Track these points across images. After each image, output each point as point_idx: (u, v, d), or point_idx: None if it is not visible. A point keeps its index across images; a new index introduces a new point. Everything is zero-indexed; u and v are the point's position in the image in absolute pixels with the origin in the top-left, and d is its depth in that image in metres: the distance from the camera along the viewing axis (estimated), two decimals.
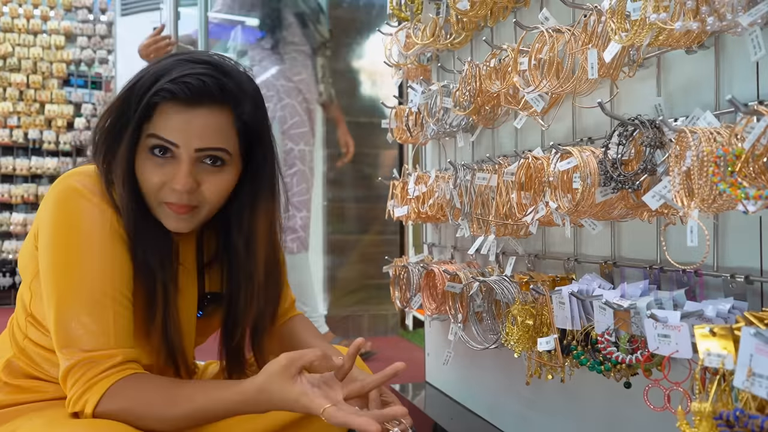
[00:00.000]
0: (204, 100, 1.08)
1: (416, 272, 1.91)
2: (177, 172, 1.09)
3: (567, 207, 1.18)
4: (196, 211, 1.14)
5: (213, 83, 1.08)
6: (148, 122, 1.09)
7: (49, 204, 1.12)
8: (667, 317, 0.97)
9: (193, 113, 1.07)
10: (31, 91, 5.92)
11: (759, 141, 0.80)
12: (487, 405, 1.88)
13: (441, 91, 1.74)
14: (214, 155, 1.11)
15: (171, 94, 1.06)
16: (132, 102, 1.11)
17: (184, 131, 1.07)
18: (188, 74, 1.07)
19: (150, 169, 1.11)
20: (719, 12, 0.89)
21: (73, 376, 1.06)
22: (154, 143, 1.09)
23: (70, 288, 1.07)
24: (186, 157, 1.09)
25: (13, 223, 5.78)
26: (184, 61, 1.10)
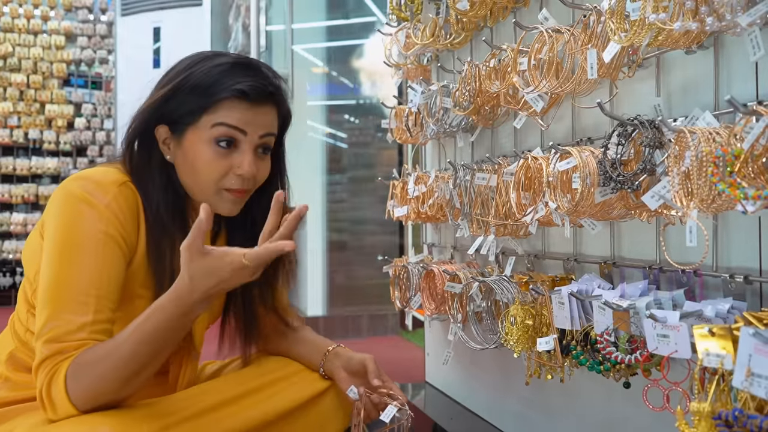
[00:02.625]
0: (267, 101, 1.23)
1: (416, 272, 1.91)
2: (243, 160, 1.20)
3: (566, 207, 1.18)
4: (248, 194, 1.25)
5: (272, 87, 1.24)
6: (208, 115, 1.19)
7: (53, 206, 1.17)
8: (666, 317, 0.97)
9: (257, 109, 1.21)
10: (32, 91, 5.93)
11: (758, 141, 0.80)
12: (486, 405, 1.88)
13: (441, 91, 1.74)
14: (268, 143, 1.25)
15: (242, 93, 1.19)
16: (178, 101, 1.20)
17: (250, 122, 1.21)
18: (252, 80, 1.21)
19: (213, 160, 1.20)
20: (718, 12, 0.89)
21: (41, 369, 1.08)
22: (222, 133, 1.19)
23: (59, 287, 1.11)
24: (251, 144, 1.21)
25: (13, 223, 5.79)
26: (237, 66, 1.22)
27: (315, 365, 1.39)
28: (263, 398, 1.27)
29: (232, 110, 1.19)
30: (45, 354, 1.08)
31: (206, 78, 1.20)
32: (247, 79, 1.20)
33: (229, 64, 1.22)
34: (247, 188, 1.23)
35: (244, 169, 1.20)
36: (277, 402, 1.28)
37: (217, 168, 1.20)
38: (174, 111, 1.21)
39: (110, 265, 1.14)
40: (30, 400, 1.18)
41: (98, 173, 1.19)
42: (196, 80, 1.20)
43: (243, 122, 1.19)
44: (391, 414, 1.24)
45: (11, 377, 1.22)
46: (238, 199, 1.23)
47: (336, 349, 1.39)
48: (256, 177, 1.23)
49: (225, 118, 1.19)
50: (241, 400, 1.25)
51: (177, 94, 1.21)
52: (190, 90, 1.20)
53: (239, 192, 1.22)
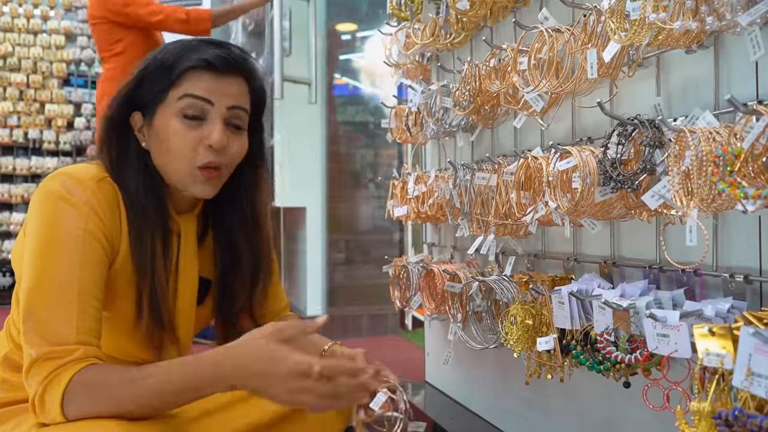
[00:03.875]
0: (231, 71, 1.21)
1: (416, 272, 1.91)
2: (212, 130, 1.18)
3: (566, 207, 1.18)
4: (221, 174, 1.22)
5: (239, 58, 1.22)
6: (174, 89, 1.18)
7: (33, 204, 1.16)
8: (666, 317, 0.97)
9: (223, 79, 1.20)
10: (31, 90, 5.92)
11: (758, 140, 0.80)
12: (486, 405, 1.88)
13: (441, 90, 1.74)
14: (238, 116, 1.22)
15: (206, 63, 1.18)
16: (147, 83, 1.20)
17: (217, 92, 1.19)
18: (217, 50, 1.20)
19: (181, 134, 1.18)
20: (718, 12, 0.89)
21: (34, 373, 1.07)
22: (187, 105, 1.17)
23: (40, 285, 1.10)
24: (219, 115, 1.19)
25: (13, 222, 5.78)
26: (205, 42, 1.23)
27: None
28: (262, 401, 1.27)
29: (197, 81, 1.18)
30: (34, 356, 1.06)
31: (172, 55, 1.20)
32: (212, 50, 1.20)
33: (196, 41, 1.23)
34: (221, 162, 1.20)
35: (214, 139, 1.17)
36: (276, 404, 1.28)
37: (187, 141, 1.17)
38: (144, 94, 1.21)
39: (92, 262, 1.12)
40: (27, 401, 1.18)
41: (76, 169, 1.18)
42: (162, 58, 1.21)
43: (209, 92, 1.18)
44: (381, 401, 1.23)
45: (8, 378, 1.22)
46: (212, 180, 1.20)
47: (332, 348, 1.39)
48: (229, 150, 1.21)
49: (190, 89, 1.18)
50: (239, 403, 1.25)
51: (145, 76, 1.21)
52: (156, 69, 1.21)
53: (213, 169, 1.19)
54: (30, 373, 1.07)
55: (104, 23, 3.44)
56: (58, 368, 1.05)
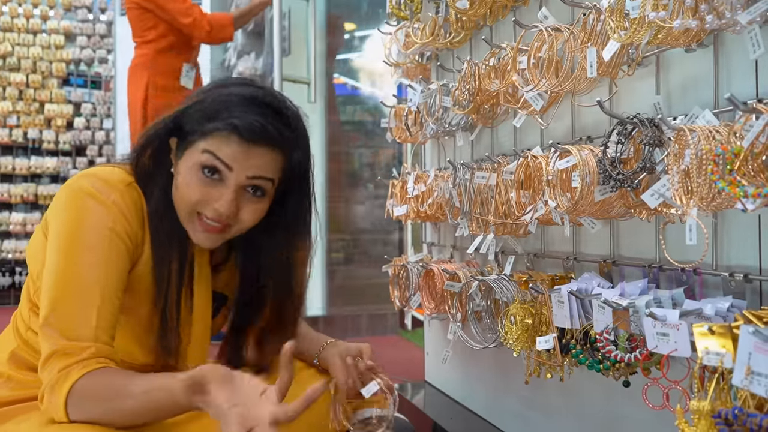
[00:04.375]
0: (263, 143, 1.15)
1: (415, 271, 1.91)
2: (222, 196, 1.15)
3: (566, 206, 1.18)
4: (227, 231, 1.19)
5: (274, 130, 1.16)
6: (203, 141, 1.15)
7: (60, 201, 1.17)
8: (665, 316, 0.97)
9: (251, 149, 1.15)
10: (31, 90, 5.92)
11: (757, 139, 0.80)
12: (486, 404, 1.88)
13: (440, 90, 1.74)
14: (259, 185, 1.17)
15: (235, 129, 1.13)
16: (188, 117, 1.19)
17: (240, 161, 1.14)
18: (253, 115, 1.14)
19: (195, 184, 1.16)
20: (718, 10, 0.89)
21: (48, 367, 1.09)
22: (207, 161, 1.15)
23: (64, 280, 1.12)
24: (235, 183, 1.15)
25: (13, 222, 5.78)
26: (248, 102, 1.16)
27: (310, 357, 1.40)
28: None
29: (223, 143, 1.14)
30: (52, 348, 1.08)
31: (213, 104, 1.17)
32: (247, 116, 1.14)
33: (241, 96, 1.18)
34: (224, 224, 1.18)
35: (223, 205, 1.14)
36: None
37: (196, 193, 1.16)
38: (182, 128, 1.20)
39: (116, 262, 1.14)
40: (32, 399, 1.18)
41: (105, 172, 1.19)
42: (205, 104, 1.18)
43: (231, 158, 1.14)
44: (372, 390, 1.24)
45: (13, 376, 1.22)
46: (210, 233, 1.18)
47: (334, 342, 1.41)
48: (240, 216, 1.18)
49: (214, 148, 1.14)
50: None
51: (187, 112, 1.20)
52: (196, 111, 1.18)
53: (212, 228, 1.17)
54: (44, 366, 1.10)
55: (137, 8, 3.47)
56: (69, 366, 1.08)
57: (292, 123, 1.21)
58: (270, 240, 1.28)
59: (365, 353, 1.33)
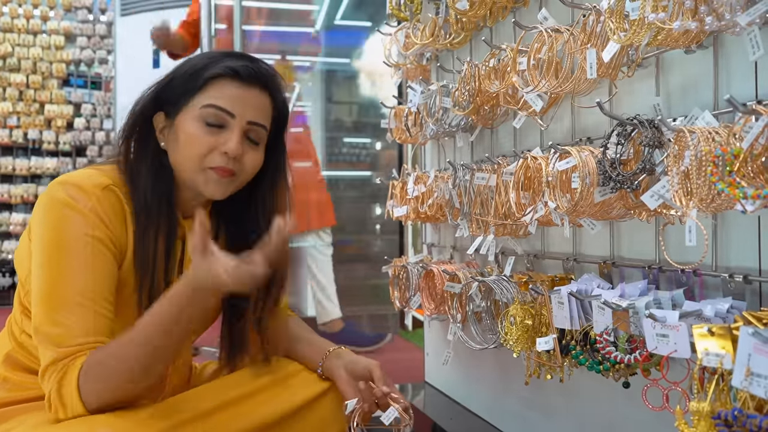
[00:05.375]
0: (257, 83, 1.24)
1: (415, 272, 1.91)
2: (229, 139, 1.20)
3: (566, 207, 1.18)
4: (234, 178, 1.23)
5: (264, 71, 1.25)
6: (200, 95, 1.21)
7: (38, 213, 1.17)
8: (665, 317, 0.97)
9: (248, 91, 1.23)
10: (31, 91, 5.92)
11: (757, 140, 0.80)
12: (486, 405, 1.88)
13: (440, 91, 1.74)
14: (257, 131, 1.25)
15: (232, 71, 1.21)
16: (175, 85, 1.23)
17: (240, 104, 1.22)
18: (245, 62, 1.24)
19: (201, 136, 1.20)
20: (717, 11, 0.89)
21: (48, 375, 1.09)
22: (210, 113, 1.20)
23: (51, 293, 1.12)
24: (239, 127, 1.21)
25: (13, 223, 5.78)
26: (234, 55, 1.27)
27: (314, 364, 1.38)
28: (263, 400, 1.27)
29: (222, 89, 1.21)
30: (51, 358, 1.09)
31: (200, 61, 1.24)
32: (240, 61, 1.23)
33: (224, 52, 1.27)
34: (233, 169, 1.21)
35: (230, 147, 1.19)
36: (277, 404, 1.28)
37: (203, 143, 1.20)
38: (171, 95, 1.23)
39: (100, 266, 1.14)
40: (29, 400, 1.19)
41: (79, 177, 1.18)
42: (191, 64, 1.25)
43: (232, 104, 1.20)
44: (391, 417, 1.24)
45: (10, 377, 1.22)
46: (223, 179, 1.21)
47: (337, 350, 1.39)
48: (243, 161, 1.23)
49: (215, 99, 1.20)
50: (240, 402, 1.25)
51: (173, 79, 1.24)
52: (185, 72, 1.24)
53: (223, 170, 1.21)
54: (44, 377, 1.10)
55: None
56: (70, 361, 1.09)
57: (273, 70, 1.29)
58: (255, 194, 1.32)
59: (376, 376, 1.30)
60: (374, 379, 1.30)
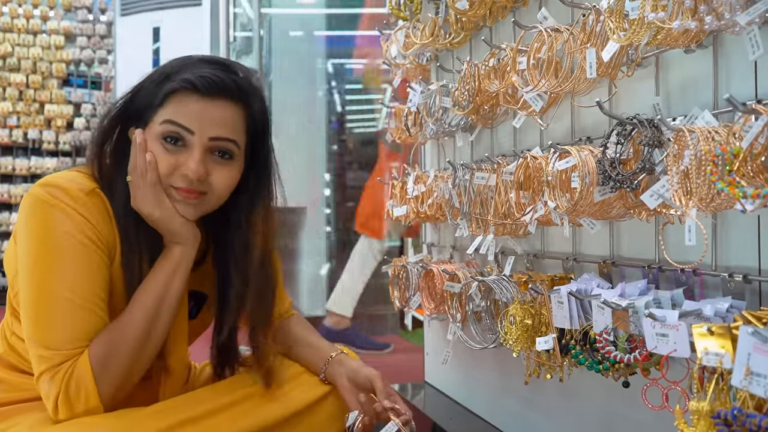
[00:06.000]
0: (220, 94, 1.15)
1: (415, 272, 1.91)
2: (189, 159, 1.14)
3: (565, 206, 1.18)
4: (204, 199, 1.18)
5: (229, 80, 1.15)
6: (160, 110, 1.15)
7: (22, 214, 1.14)
8: (665, 316, 0.97)
9: (209, 104, 1.14)
10: (31, 91, 5.93)
11: (756, 140, 0.80)
12: (486, 404, 1.88)
13: (440, 90, 1.74)
14: (224, 147, 1.17)
15: (190, 84, 1.13)
16: (141, 96, 1.18)
17: (199, 120, 1.13)
18: (205, 70, 1.14)
19: (161, 155, 1.15)
20: (717, 11, 0.89)
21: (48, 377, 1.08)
22: (168, 129, 1.14)
23: (41, 297, 1.10)
24: (199, 144, 1.14)
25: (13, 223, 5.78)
26: (197, 61, 1.18)
27: (316, 368, 1.37)
28: (263, 402, 1.26)
29: (181, 104, 1.13)
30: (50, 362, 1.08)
31: (161, 74, 1.17)
32: (202, 71, 1.14)
33: (190, 60, 1.18)
34: (198, 190, 1.16)
35: (191, 169, 1.13)
36: (277, 407, 1.27)
37: (164, 164, 1.14)
38: (136, 110, 1.19)
39: (88, 267, 1.12)
40: (25, 401, 1.18)
41: (63, 180, 1.15)
42: (154, 77, 1.18)
43: (190, 120, 1.13)
44: (391, 431, 1.23)
45: (6, 378, 1.22)
46: (190, 201, 1.16)
47: (339, 356, 1.37)
48: (212, 181, 1.16)
49: (172, 114, 1.13)
50: (240, 404, 1.25)
51: (139, 92, 1.20)
52: (149, 84, 1.18)
53: (188, 192, 1.15)
54: (43, 377, 1.09)
55: None
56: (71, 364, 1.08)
57: (246, 75, 1.20)
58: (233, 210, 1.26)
59: (377, 388, 1.28)
60: (376, 392, 1.28)
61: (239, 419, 1.21)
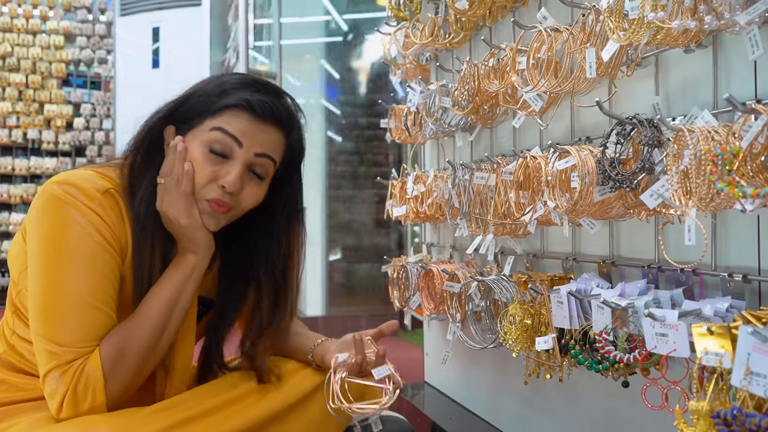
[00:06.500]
0: (272, 120, 1.21)
1: (415, 272, 1.91)
2: (230, 172, 1.17)
3: (565, 206, 1.18)
4: (230, 213, 1.21)
5: (281, 108, 1.23)
6: (212, 119, 1.19)
7: (37, 211, 1.14)
8: (664, 316, 0.97)
9: (260, 126, 1.20)
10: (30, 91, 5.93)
11: (756, 139, 0.80)
12: (485, 404, 1.88)
13: (440, 90, 1.74)
14: (264, 164, 1.22)
15: (247, 104, 1.18)
16: (194, 102, 1.21)
17: (250, 136, 1.19)
18: (263, 96, 1.20)
19: (203, 163, 1.18)
20: (717, 11, 0.89)
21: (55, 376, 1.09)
22: (218, 137, 1.18)
23: (49, 291, 1.10)
24: (243, 158, 1.18)
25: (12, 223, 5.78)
26: (257, 84, 1.23)
27: (305, 351, 1.39)
28: (261, 397, 1.27)
29: (234, 119, 1.18)
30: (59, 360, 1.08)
31: (219, 86, 1.21)
32: (257, 94, 1.20)
33: (244, 80, 1.23)
34: (228, 204, 1.19)
35: (229, 181, 1.16)
36: (275, 400, 1.28)
37: (203, 173, 1.17)
38: (185, 113, 1.21)
39: (100, 266, 1.12)
40: (26, 401, 1.18)
41: (79, 179, 1.15)
42: (210, 87, 1.22)
43: (242, 133, 1.17)
44: (383, 373, 1.24)
45: (6, 379, 1.22)
46: (217, 213, 1.19)
47: (328, 341, 1.40)
48: (242, 197, 1.20)
49: (225, 124, 1.18)
50: (238, 401, 1.25)
51: (190, 98, 1.22)
52: (201, 94, 1.21)
53: (218, 204, 1.18)
54: (51, 374, 1.09)
55: None
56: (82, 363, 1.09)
57: (293, 107, 1.27)
58: (267, 229, 1.31)
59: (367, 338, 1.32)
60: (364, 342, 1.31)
61: (238, 415, 1.21)
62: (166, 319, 1.17)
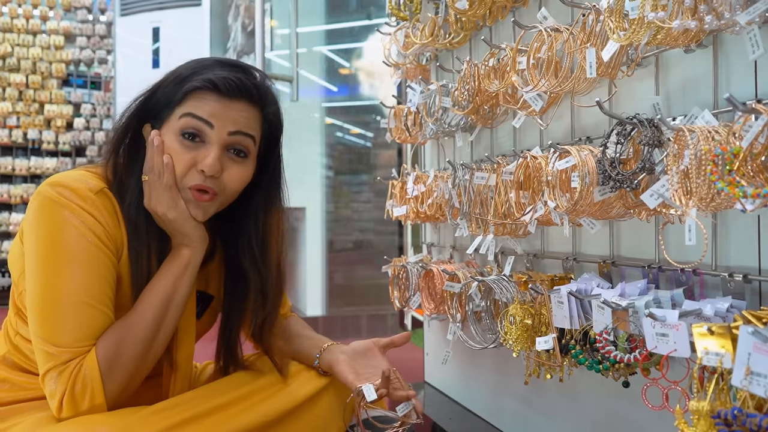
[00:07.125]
0: (240, 96, 1.18)
1: (415, 272, 1.91)
2: (207, 155, 1.15)
3: (565, 206, 1.18)
4: (215, 199, 1.19)
5: (249, 82, 1.19)
6: (179, 107, 1.17)
7: (31, 213, 1.14)
8: (665, 316, 0.97)
9: (229, 104, 1.17)
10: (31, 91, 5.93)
11: (756, 139, 0.80)
12: (485, 404, 1.88)
13: (440, 90, 1.74)
14: (242, 142, 1.19)
15: (211, 84, 1.16)
16: (159, 95, 1.20)
17: (220, 116, 1.16)
18: (225, 72, 1.18)
19: (178, 152, 1.16)
20: (717, 10, 0.89)
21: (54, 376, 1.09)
22: (188, 123, 1.16)
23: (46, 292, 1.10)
24: (217, 139, 1.16)
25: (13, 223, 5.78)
26: (214, 63, 1.21)
27: (310, 356, 1.38)
28: (263, 399, 1.27)
29: (201, 101, 1.16)
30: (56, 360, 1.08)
31: (185, 71, 1.20)
32: (222, 72, 1.17)
33: (210, 61, 1.21)
34: (211, 188, 1.17)
35: (207, 164, 1.14)
36: (278, 402, 1.28)
37: (182, 161, 1.15)
38: (153, 108, 1.20)
39: (96, 266, 1.12)
40: (29, 400, 1.19)
41: (72, 180, 1.15)
42: (173, 75, 1.20)
43: (210, 114, 1.15)
44: (405, 411, 1.25)
45: (9, 378, 1.22)
46: (202, 203, 1.18)
47: (333, 345, 1.39)
48: (224, 179, 1.18)
49: (193, 108, 1.15)
50: (240, 401, 1.25)
51: (156, 91, 1.21)
52: (168, 83, 1.20)
53: (201, 194, 1.17)
54: (49, 375, 1.09)
55: None
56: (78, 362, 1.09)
57: (263, 79, 1.24)
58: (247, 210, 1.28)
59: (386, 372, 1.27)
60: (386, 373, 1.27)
61: (241, 416, 1.21)
62: (162, 314, 1.16)
